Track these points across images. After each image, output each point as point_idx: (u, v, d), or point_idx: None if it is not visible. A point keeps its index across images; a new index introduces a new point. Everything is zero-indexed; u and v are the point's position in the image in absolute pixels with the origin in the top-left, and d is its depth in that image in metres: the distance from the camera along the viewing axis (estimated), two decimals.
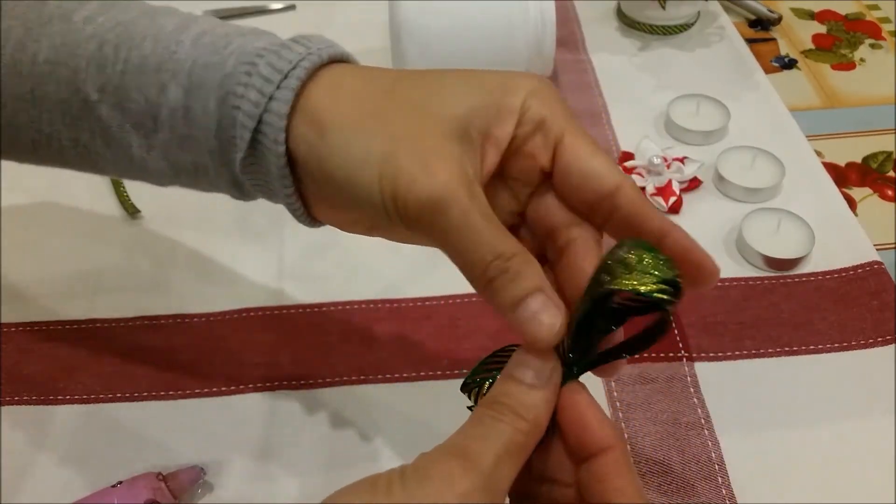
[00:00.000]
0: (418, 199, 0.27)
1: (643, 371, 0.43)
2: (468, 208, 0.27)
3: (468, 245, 0.27)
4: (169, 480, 0.38)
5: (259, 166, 0.31)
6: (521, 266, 0.27)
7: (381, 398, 0.43)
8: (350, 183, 0.28)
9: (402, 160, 0.28)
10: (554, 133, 0.30)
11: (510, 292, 0.27)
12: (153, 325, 0.47)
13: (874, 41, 0.69)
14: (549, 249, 0.31)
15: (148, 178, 0.35)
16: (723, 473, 0.39)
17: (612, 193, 0.29)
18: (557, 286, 0.30)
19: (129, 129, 0.32)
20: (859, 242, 0.50)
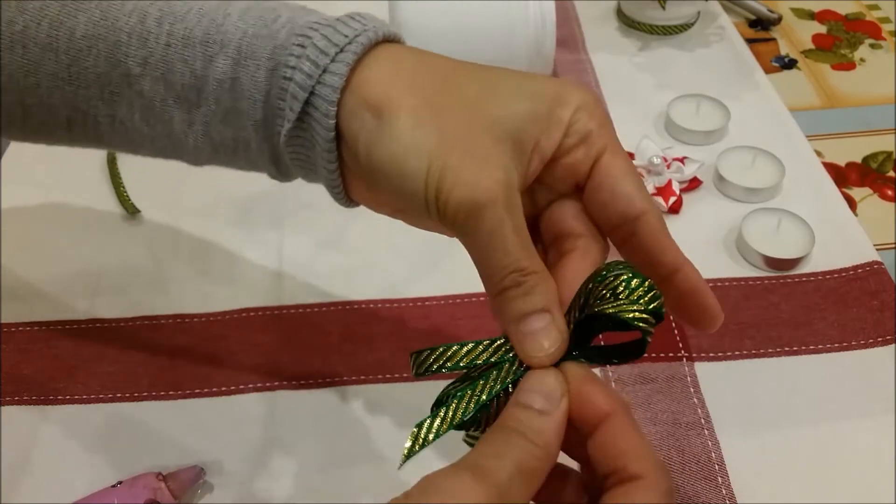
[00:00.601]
0: (459, 201, 0.27)
1: (643, 371, 0.43)
2: (503, 219, 0.27)
3: (493, 253, 0.27)
4: (169, 480, 0.38)
5: (304, 140, 0.31)
6: (536, 283, 0.27)
7: (381, 398, 0.43)
8: (397, 171, 0.28)
9: (451, 158, 0.28)
10: (596, 148, 0.30)
11: (518, 306, 0.27)
12: (153, 324, 0.47)
13: (874, 41, 0.69)
14: (552, 253, 0.31)
15: (185, 156, 0.35)
16: (723, 473, 0.39)
17: (635, 218, 0.29)
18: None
19: (172, 104, 0.32)
20: (859, 242, 0.50)
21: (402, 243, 0.51)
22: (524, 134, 0.29)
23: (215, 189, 0.55)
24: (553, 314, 0.27)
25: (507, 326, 0.28)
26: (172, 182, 0.55)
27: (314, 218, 0.53)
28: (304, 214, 0.53)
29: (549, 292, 0.28)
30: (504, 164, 0.28)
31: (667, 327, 0.45)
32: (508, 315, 0.28)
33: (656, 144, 0.55)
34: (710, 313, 0.29)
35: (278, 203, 0.54)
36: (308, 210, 0.53)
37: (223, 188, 0.55)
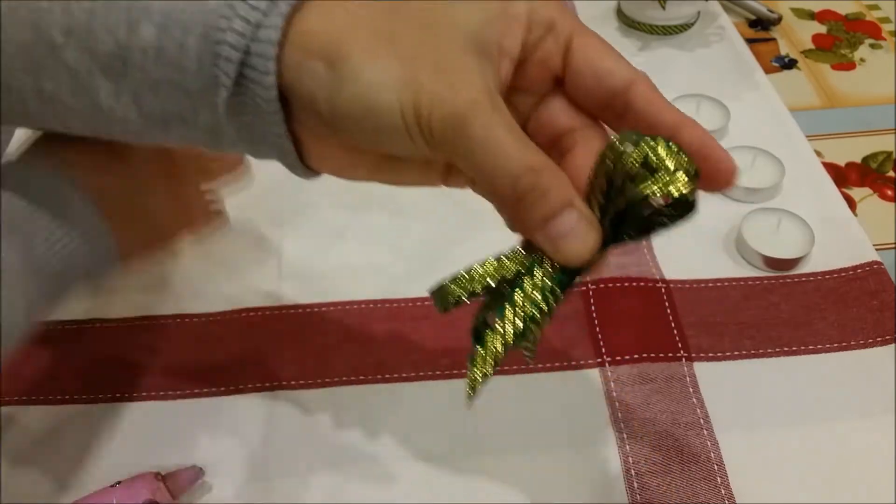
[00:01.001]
0: (443, 118, 0.26)
1: (642, 371, 0.43)
2: (493, 122, 0.26)
3: (494, 160, 0.26)
4: (168, 480, 0.38)
5: (247, 108, 0.29)
6: (551, 179, 0.26)
7: (381, 398, 0.43)
8: (368, 111, 0.27)
9: (422, 80, 0.26)
10: (564, 34, 0.29)
11: (540, 210, 0.26)
12: (154, 324, 0.47)
13: (874, 41, 0.69)
14: (553, 156, 0.30)
15: (116, 132, 0.32)
16: (722, 473, 0.39)
17: (625, 89, 0.28)
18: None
19: (98, 74, 0.30)
20: (859, 242, 0.50)
21: (402, 243, 0.51)
22: (484, 39, 0.28)
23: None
24: (577, 206, 0.26)
25: (534, 234, 0.27)
26: None
27: (314, 218, 0.53)
28: (304, 214, 0.53)
29: (566, 185, 0.26)
30: (477, 71, 0.27)
31: (666, 328, 0.45)
32: (532, 222, 0.26)
33: None
34: (725, 166, 0.28)
35: (278, 203, 0.54)
36: (308, 210, 0.53)
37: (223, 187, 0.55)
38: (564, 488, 0.39)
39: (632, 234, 0.27)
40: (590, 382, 0.43)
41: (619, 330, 0.45)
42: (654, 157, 0.25)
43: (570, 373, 0.44)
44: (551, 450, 0.41)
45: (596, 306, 0.47)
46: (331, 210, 0.53)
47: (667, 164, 0.25)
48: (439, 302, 0.29)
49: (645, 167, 0.25)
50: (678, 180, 0.24)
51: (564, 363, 0.44)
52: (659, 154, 0.25)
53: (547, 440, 0.41)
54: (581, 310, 0.47)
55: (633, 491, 0.39)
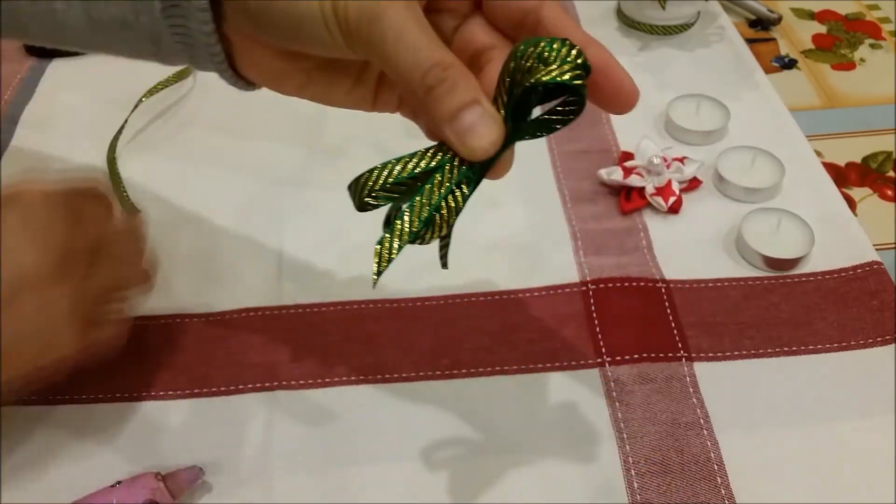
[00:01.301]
0: (358, 8, 0.28)
1: (642, 371, 0.43)
2: (405, 16, 0.28)
3: (406, 52, 0.28)
4: (168, 480, 0.38)
5: (180, 8, 0.31)
6: (458, 77, 0.28)
7: (381, 398, 0.43)
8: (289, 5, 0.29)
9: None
10: None
11: (448, 103, 0.28)
12: (153, 324, 0.47)
13: (874, 41, 0.69)
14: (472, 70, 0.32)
15: (67, 39, 0.34)
16: (722, 474, 0.39)
17: (536, 8, 0.31)
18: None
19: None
20: (859, 242, 0.50)
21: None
22: None
23: (216, 189, 0.55)
24: (483, 104, 0.28)
25: (441, 126, 0.28)
26: (172, 182, 0.55)
27: (314, 218, 0.53)
28: (304, 214, 0.53)
29: (473, 84, 0.28)
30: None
31: (666, 328, 0.45)
32: (440, 114, 0.28)
33: (656, 144, 0.55)
34: (625, 84, 0.30)
35: (278, 203, 0.54)
36: (308, 210, 0.53)
37: (224, 188, 0.55)
38: (564, 488, 0.39)
39: (531, 131, 0.29)
40: (590, 382, 0.43)
41: (619, 330, 0.45)
42: (548, 50, 0.27)
43: (569, 373, 0.44)
44: (551, 450, 0.41)
45: (596, 306, 0.47)
46: (331, 210, 0.53)
47: (560, 55, 0.27)
48: (355, 198, 0.30)
49: (541, 62, 0.27)
50: (568, 69, 0.27)
51: (564, 363, 0.44)
52: (553, 48, 0.27)
53: (547, 440, 0.41)
54: (581, 310, 0.47)
55: (633, 491, 0.39)
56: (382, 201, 0.30)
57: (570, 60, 0.27)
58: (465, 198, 0.29)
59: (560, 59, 0.27)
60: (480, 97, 0.28)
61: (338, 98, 0.34)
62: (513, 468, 0.40)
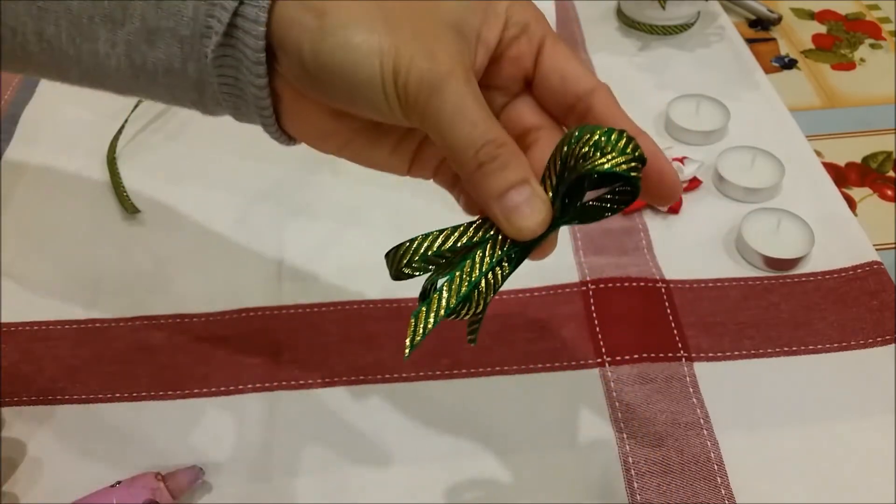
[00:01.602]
0: (419, 78, 0.27)
1: (642, 371, 0.43)
2: (465, 91, 0.28)
3: (461, 127, 0.28)
4: (168, 480, 0.38)
5: (232, 59, 0.30)
6: (510, 156, 0.28)
7: (381, 398, 0.43)
8: (349, 62, 0.28)
9: (404, 42, 0.28)
10: (537, 37, 0.31)
11: (498, 181, 0.28)
12: (153, 324, 0.47)
13: (874, 41, 0.69)
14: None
15: (108, 82, 0.34)
16: (722, 473, 0.39)
17: (588, 94, 0.31)
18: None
19: (98, 22, 0.31)
20: (859, 242, 0.50)
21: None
22: (466, 24, 0.30)
23: (216, 189, 0.55)
24: (532, 185, 0.28)
25: (489, 203, 0.28)
26: (173, 182, 0.56)
27: (314, 218, 0.53)
28: (305, 214, 0.53)
29: (524, 164, 0.28)
30: (454, 45, 0.29)
31: (666, 328, 0.45)
32: (489, 191, 0.28)
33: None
34: (667, 181, 0.30)
35: (278, 203, 0.54)
36: (308, 210, 0.54)
37: (224, 188, 0.55)
38: (564, 488, 0.39)
39: (579, 216, 0.29)
40: (590, 382, 0.43)
41: (619, 330, 0.45)
42: (605, 139, 0.27)
43: (570, 373, 0.44)
44: (551, 450, 0.41)
45: (596, 306, 0.47)
46: (331, 210, 0.53)
47: (617, 146, 0.27)
48: (392, 268, 0.30)
49: (597, 150, 0.27)
50: (625, 160, 0.27)
51: (564, 363, 0.44)
52: (611, 138, 0.27)
53: (547, 440, 0.41)
54: (581, 310, 0.47)
55: (633, 491, 0.39)
56: (419, 272, 0.29)
57: (627, 152, 0.27)
58: (505, 276, 0.29)
59: (618, 150, 0.27)
60: (531, 177, 0.28)
61: (375, 160, 0.34)
62: (513, 468, 0.40)
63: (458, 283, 0.28)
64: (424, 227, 0.32)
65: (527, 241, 0.28)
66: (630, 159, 0.27)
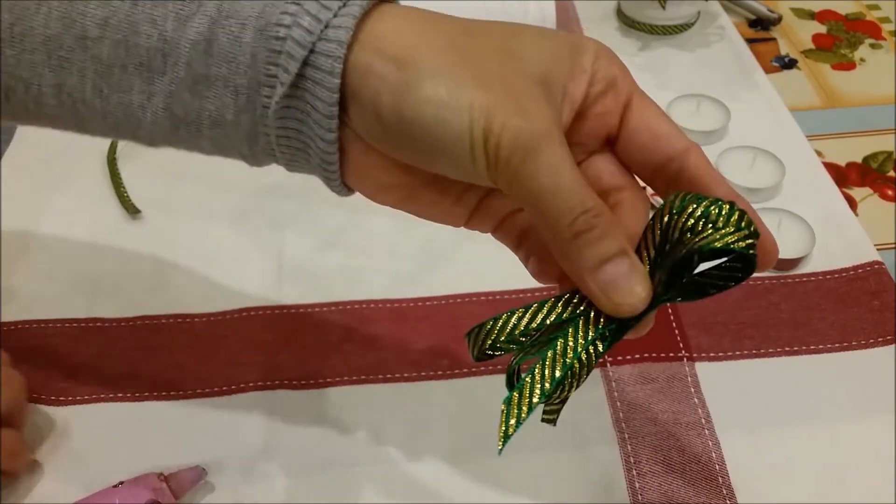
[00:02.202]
0: (515, 138, 0.25)
1: (643, 371, 0.43)
2: (561, 155, 0.25)
3: (558, 194, 0.25)
4: (170, 480, 0.38)
5: (297, 110, 0.28)
6: (609, 226, 0.26)
7: (382, 398, 0.43)
8: (436, 120, 0.26)
9: (496, 100, 0.25)
10: (624, 93, 0.29)
11: (595, 252, 0.26)
12: (154, 324, 0.47)
13: (874, 41, 0.69)
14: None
15: (139, 134, 0.31)
16: (723, 473, 0.39)
17: (681, 155, 0.29)
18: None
19: (132, 71, 0.28)
20: (860, 242, 0.50)
21: (403, 243, 0.51)
22: (553, 78, 0.27)
23: (216, 189, 0.55)
24: (631, 257, 0.26)
25: (584, 276, 0.26)
26: (173, 182, 0.55)
27: (315, 218, 0.53)
28: (305, 214, 0.53)
29: (623, 234, 0.26)
30: (546, 102, 0.26)
31: (668, 328, 0.45)
32: (585, 263, 0.26)
33: None
34: (768, 247, 0.27)
35: (279, 203, 0.54)
36: (309, 210, 0.53)
37: (225, 188, 0.55)
38: (565, 488, 0.39)
39: (683, 292, 0.27)
40: (591, 382, 0.43)
41: None
42: (714, 211, 0.25)
43: None
44: (552, 450, 0.41)
45: None
46: (331, 210, 0.53)
47: (731, 221, 0.25)
48: (474, 348, 0.27)
49: (708, 222, 0.25)
50: (740, 237, 0.25)
51: None
52: (722, 212, 0.25)
53: (548, 440, 0.41)
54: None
55: (635, 491, 0.39)
56: (504, 351, 0.27)
57: (742, 227, 0.25)
58: (599, 355, 0.26)
59: (732, 224, 0.25)
60: (629, 249, 0.26)
61: (433, 213, 0.31)
62: (513, 468, 0.40)
63: (550, 366, 0.26)
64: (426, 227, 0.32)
65: (625, 318, 0.26)
66: (745, 235, 0.25)
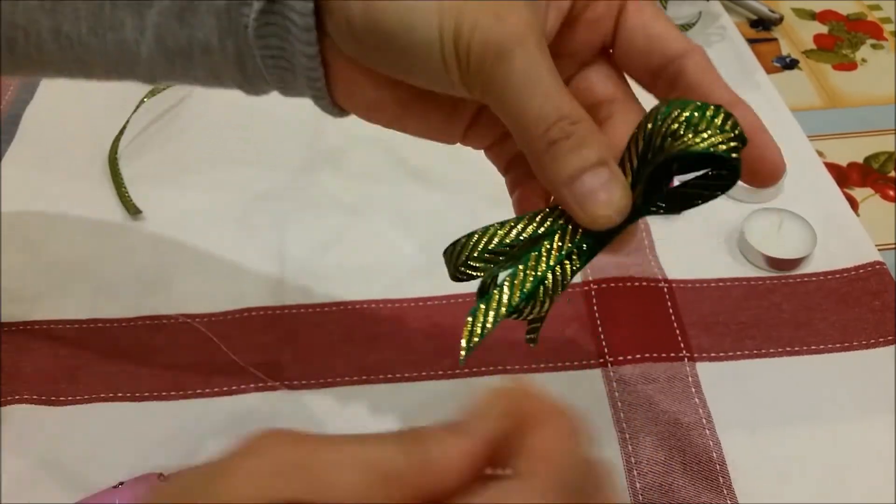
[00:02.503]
0: (484, 43, 0.24)
1: (644, 371, 0.43)
2: (536, 59, 0.24)
3: (531, 99, 0.24)
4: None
5: (277, 28, 0.27)
6: (587, 133, 0.24)
7: (383, 398, 0.43)
8: (404, 26, 0.25)
9: (467, 2, 0.25)
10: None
11: (571, 162, 0.24)
12: (154, 324, 0.47)
13: (875, 41, 0.69)
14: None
15: (138, 70, 0.31)
16: (724, 473, 0.39)
17: (680, 56, 0.27)
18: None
19: (122, 7, 0.28)
20: (861, 243, 0.50)
21: (404, 243, 0.51)
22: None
23: (218, 189, 0.55)
24: (610, 167, 0.25)
25: (559, 187, 0.25)
26: (174, 182, 0.55)
27: (316, 218, 0.53)
28: (306, 214, 0.53)
29: (603, 142, 0.25)
30: (523, 5, 0.25)
31: (668, 328, 0.45)
32: (560, 173, 0.25)
33: None
34: (771, 156, 0.26)
35: (280, 203, 0.54)
36: (310, 210, 0.53)
37: (226, 188, 0.55)
38: None
39: (664, 203, 0.26)
40: (592, 382, 0.43)
41: (621, 330, 0.45)
42: (698, 115, 0.23)
43: (572, 373, 0.44)
44: None
45: (598, 306, 0.47)
46: (332, 210, 0.53)
47: (714, 123, 0.23)
48: (450, 265, 0.26)
49: (689, 128, 0.23)
50: (723, 140, 0.23)
51: (566, 363, 0.44)
52: (706, 114, 0.23)
53: None
54: (583, 310, 0.47)
55: (636, 491, 0.39)
56: (481, 271, 0.26)
57: (726, 129, 0.23)
58: (575, 271, 0.25)
59: (714, 127, 0.23)
60: (609, 158, 0.25)
61: (427, 130, 0.30)
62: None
63: (521, 278, 0.25)
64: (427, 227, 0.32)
65: (602, 232, 0.25)
66: (729, 138, 0.23)
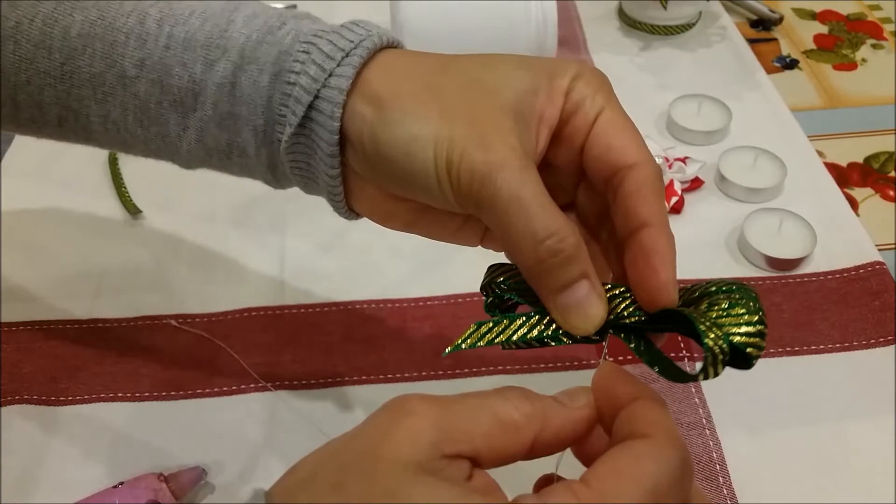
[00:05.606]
0: (472, 169, 0.27)
1: (645, 371, 0.43)
2: (521, 181, 0.27)
3: (518, 220, 0.27)
4: (170, 481, 0.38)
5: (305, 147, 0.31)
6: (573, 250, 0.27)
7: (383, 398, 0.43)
8: (405, 154, 0.28)
9: (457, 131, 0.28)
10: (594, 111, 0.29)
11: (558, 277, 0.27)
12: (155, 324, 0.47)
13: (875, 41, 0.69)
14: (604, 231, 0.31)
15: (177, 159, 0.35)
16: (724, 473, 0.39)
17: (627, 168, 0.28)
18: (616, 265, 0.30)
19: (167, 107, 0.32)
20: (861, 243, 0.50)
21: (403, 244, 0.51)
22: (526, 105, 0.29)
23: (217, 189, 0.55)
24: (591, 279, 0.27)
25: (546, 297, 0.28)
26: (174, 183, 0.55)
27: (316, 219, 0.53)
28: (307, 215, 0.53)
29: (586, 257, 0.27)
30: (512, 131, 0.28)
31: None
32: (548, 286, 0.27)
33: (658, 144, 0.55)
34: (656, 283, 0.27)
35: (280, 204, 0.54)
36: (310, 211, 0.53)
37: (225, 189, 0.55)
38: None
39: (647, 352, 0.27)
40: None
41: None
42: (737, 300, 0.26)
43: (572, 373, 0.44)
44: None
45: None
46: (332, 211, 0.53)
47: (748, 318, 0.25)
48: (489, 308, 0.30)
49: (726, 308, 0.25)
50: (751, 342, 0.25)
51: (567, 363, 0.44)
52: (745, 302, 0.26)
53: None
54: None
55: None
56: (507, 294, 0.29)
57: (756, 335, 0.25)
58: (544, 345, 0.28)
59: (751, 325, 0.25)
60: (590, 272, 0.27)
61: (444, 236, 0.33)
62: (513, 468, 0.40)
63: (503, 329, 0.28)
64: None
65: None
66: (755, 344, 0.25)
